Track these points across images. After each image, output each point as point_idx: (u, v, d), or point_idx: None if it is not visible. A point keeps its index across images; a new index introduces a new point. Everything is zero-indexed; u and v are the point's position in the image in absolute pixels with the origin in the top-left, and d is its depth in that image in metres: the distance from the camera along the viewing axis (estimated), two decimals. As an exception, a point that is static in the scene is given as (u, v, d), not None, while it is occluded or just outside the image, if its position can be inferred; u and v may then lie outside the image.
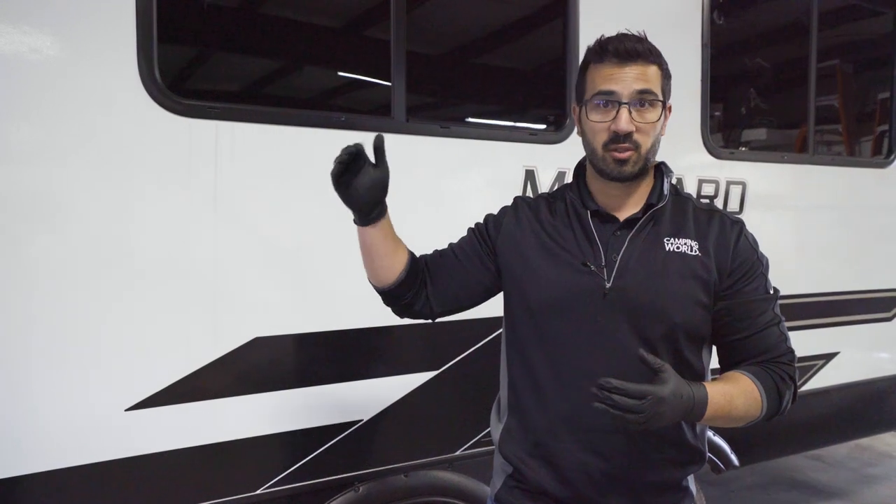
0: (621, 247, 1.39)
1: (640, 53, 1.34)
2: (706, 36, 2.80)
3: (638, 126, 1.33)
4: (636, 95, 1.33)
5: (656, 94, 1.34)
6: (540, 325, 1.42)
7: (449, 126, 2.28)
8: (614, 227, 1.41)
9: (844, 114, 3.78)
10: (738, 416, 1.33)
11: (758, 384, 1.34)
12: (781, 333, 1.40)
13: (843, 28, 3.57)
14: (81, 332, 1.76)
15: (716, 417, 1.29)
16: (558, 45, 2.53)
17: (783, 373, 1.37)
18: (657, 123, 1.36)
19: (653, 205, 1.41)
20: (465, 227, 1.60)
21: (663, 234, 1.40)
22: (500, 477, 1.54)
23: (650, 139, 1.36)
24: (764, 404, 1.34)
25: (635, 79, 1.33)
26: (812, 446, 3.67)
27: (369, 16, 2.33)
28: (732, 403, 1.30)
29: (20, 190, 1.68)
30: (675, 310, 1.35)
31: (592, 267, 1.37)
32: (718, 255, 1.38)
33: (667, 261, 1.37)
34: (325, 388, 2.10)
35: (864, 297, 3.40)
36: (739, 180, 2.92)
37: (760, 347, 1.38)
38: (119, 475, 1.82)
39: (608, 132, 1.35)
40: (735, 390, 1.32)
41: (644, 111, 1.34)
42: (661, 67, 1.37)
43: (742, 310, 1.38)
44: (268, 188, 1.99)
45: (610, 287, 1.36)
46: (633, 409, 1.14)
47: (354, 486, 2.15)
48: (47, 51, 1.69)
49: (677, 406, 1.19)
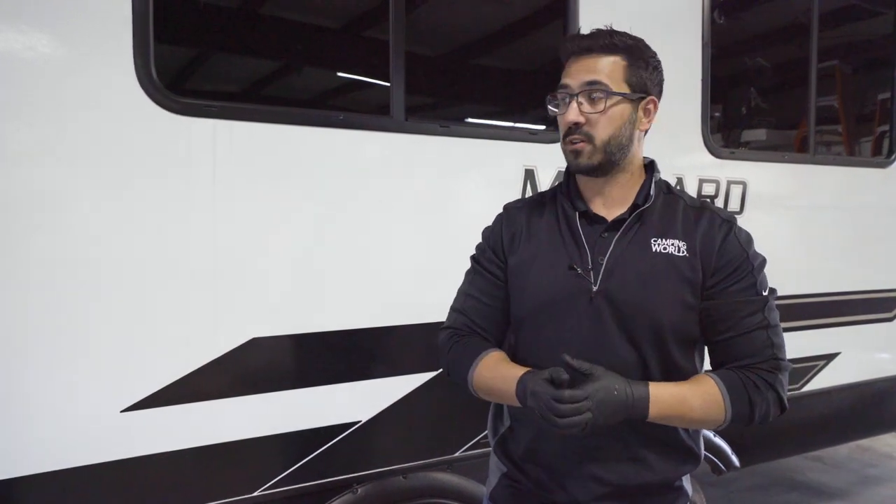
0: (608, 249, 1.37)
1: (593, 48, 1.35)
2: (706, 35, 2.79)
3: (587, 117, 1.34)
4: (583, 86, 1.34)
5: (605, 85, 1.34)
6: (531, 330, 1.42)
7: (448, 125, 2.27)
8: (601, 228, 1.40)
9: (844, 114, 3.77)
10: (696, 418, 1.32)
11: (722, 388, 1.31)
12: (768, 338, 1.34)
13: (844, 28, 3.56)
14: (76, 333, 1.75)
15: (666, 417, 1.29)
16: (558, 44, 2.51)
17: (758, 379, 1.32)
18: (607, 114, 1.34)
19: (639, 205, 1.39)
20: (463, 227, 1.59)
21: (651, 235, 1.38)
22: (495, 476, 1.55)
23: (606, 130, 1.34)
24: (728, 409, 1.31)
25: (586, 71, 1.35)
26: (812, 447, 3.67)
27: (368, 14, 2.32)
28: (686, 404, 1.29)
29: (15, 189, 1.67)
30: (662, 311, 1.34)
31: (579, 270, 1.36)
32: (704, 253, 1.36)
33: (654, 262, 1.35)
34: (323, 389, 2.09)
35: (865, 298, 3.39)
36: (740, 180, 2.91)
37: (743, 351, 1.34)
38: (115, 477, 1.81)
39: (565, 125, 1.37)
40: (691, 392, 1.30)
41: (594, 102, 1.34)
42: (627, 58, 1.36)
43: (724, 310, 1.34)
44: (266, 187, 1.97)
45: (596, 290, 1.35)
46: (561, 412, 1.18)
47: (353, 487, 2.14)
48: (43, 49, 1.68)
49: (611, 402, 1.21)
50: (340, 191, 2.08)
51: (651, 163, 1.47)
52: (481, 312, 1.48)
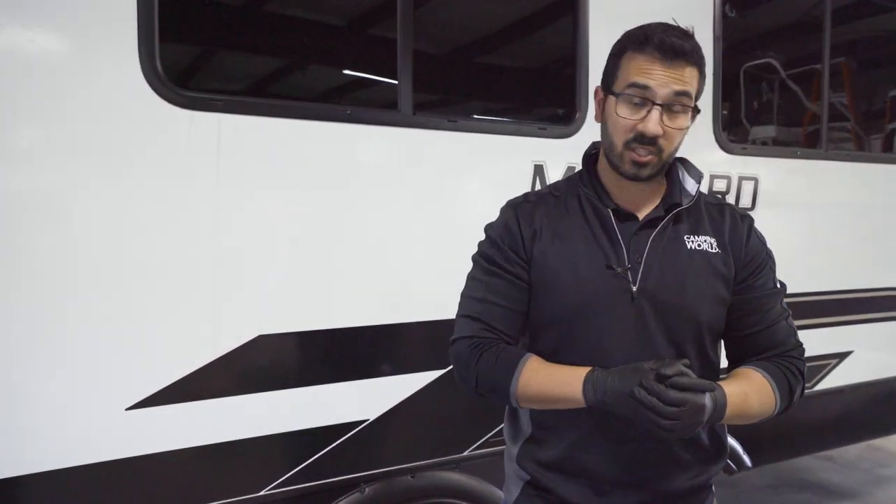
0: (644, 247, 1.33)
1: (686, 53, 1.24)
2: (718, 29, 2.76)
3: (666, 131, 1.25)
4: (671, 98, 1.24)
5: (692, 98, 1.27)
6: (566, 333, 1.34)
7: (457, 120, 2.24)
8: (634, 226, 1.35)
9: (854, 110, 3.74)
10: (754, 414, 1.30)
11: (770, 381, 1.32)
12: (790, 327, 1.39)
13: (858, 24, 3.53)
14: (80, 330, 1.73)
15: (733, 417, 1.25)
16: (568, 39, 2.49)
17: (794, 367, 1.36)
18: (685, 130, 1.29)
19: (678, 204, 1.36)
20: (471, 222, 1.54)
21: (683, 232, 1.36)
22: (516, 484, 1.46)
23: (674, 145, 1.29)
24: (777, 400, 1.32)
25: (675, 79, 1.24)
26: (824, 447, 3.63)
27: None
28: (748, 402, 1.28)
29: (17, 184, 1.65)
30: (701, 309, 1.33)
31: (618, 269, 1.32)
32: (734, 248, 1.37)
33: (690, 260, 1.34)
34: (330, 387, 2.07)
35: (878, 295, 3.35)
36: (752, 176, 2.88)
37: (771, 342, 1.37)
38: (119, 476, 1.79)
39: (633, 131, 1.26)
40: (749, 388, 1.29)
41: (675, 115, 1.26)
42: (700, 70, 1.28)
43: (754, 304, 1.37)
44: (271, 182, 1.95)
45: (637, 289, 1.31)
46: (669, 415, 1.11)
47: (360, 486, 2.12)
48: (47, 42, 1.66)
49: (709, 412, 1.17)
50: (347, 185, 2.05)
51: (677, 159, 1.41)
52: (503, 318, 1.36)
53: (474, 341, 1.34)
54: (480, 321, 1.35)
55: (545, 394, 1.28)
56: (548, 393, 1.28)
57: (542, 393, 1.28)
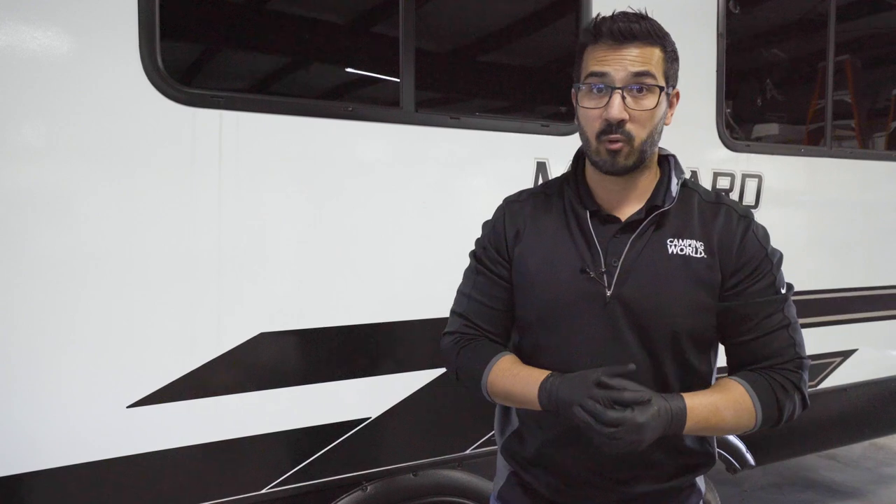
0: (622, 251, 1.29)
1: (637, 34, 1.22)
2: (721, 25, 2.74)
3: (632, 114, 1.22)
4: (630, 79, 1.22)
5: (655, 78, 1.23)
6: (538, 333, 1.35)
7: (459, 117, 2.23)
8: (614, 228, 1.32)
9: (857, 108, 3.73)
10: (728, 427, 1.27)
11: (752, 394, 1.26)
12: (790, 337, 1.29)
13: (862, 21, 3.51)
14: (82, 327, 1.72)
15: (700, 429, 1.24)
16: (570, 36, 2.48)
17: (786, 381, 1.27)
18: (655, 111, 1.24)
19: (658, 206, 1.30)
20: (474, 220, 1.54)
21: (666, 236, 1.30)
22: (502, 475, 1.51)
23: (646, 129, 1.25)
24: (758, 415, 1.26)
25: (631, 61, 1.22)
26: (828, 446, 3.62)
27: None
28: (719, 415, 1.24)
29: (20, 182, 1.64)
30: (679, 316, 1.28)
31: (592, 273, 1.29)
32: (723, 252, 1.29)
33: (670, 265, 1.28)
34: (332, 385, 2.06)
35: (882, 293, 3.33)
36: (756, 173, 2.86)
37: (765, 352, 1.29)
38: (121, 473, 1.79)
39: (600, 120, 1.24)
40: (723, 401, 1.25)
41: (640, 97, 1.23)
42: (664, 49, 1.26)
43: (746, 311, 1.29)
44: (274, 179, 1.94)
45: (611, 295, 1.28)
46: (608, 434, 1.12)
47: (362, 485, 2.12)
48: (48, 39, 1.65)
49: (656, 427, 1.16)
50: (349, 182, 2.05)
51: (668, 158, 1.37)
52: (485, 315, 1.39)
53: (456, 337, 1.40)
54: (465, 318, 1.41)
55: (510, 394, 1.32)
56: (512, 393, 1.31)
57: (507, 393, 1.32)
